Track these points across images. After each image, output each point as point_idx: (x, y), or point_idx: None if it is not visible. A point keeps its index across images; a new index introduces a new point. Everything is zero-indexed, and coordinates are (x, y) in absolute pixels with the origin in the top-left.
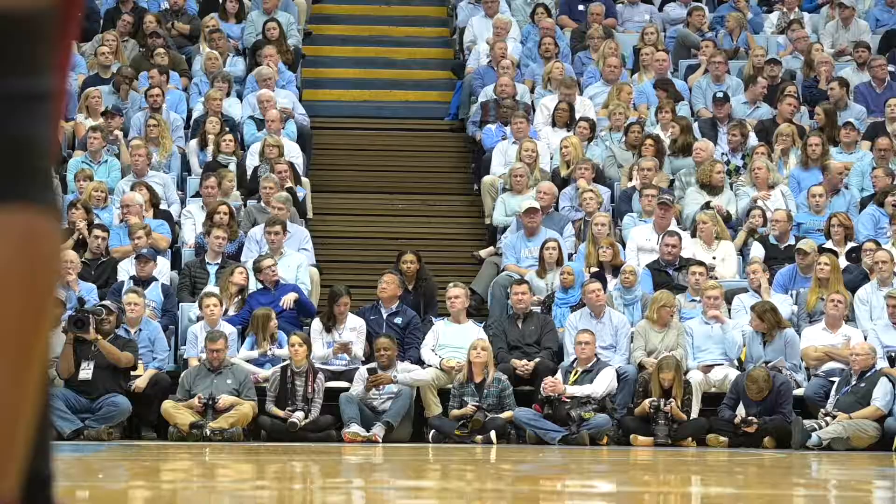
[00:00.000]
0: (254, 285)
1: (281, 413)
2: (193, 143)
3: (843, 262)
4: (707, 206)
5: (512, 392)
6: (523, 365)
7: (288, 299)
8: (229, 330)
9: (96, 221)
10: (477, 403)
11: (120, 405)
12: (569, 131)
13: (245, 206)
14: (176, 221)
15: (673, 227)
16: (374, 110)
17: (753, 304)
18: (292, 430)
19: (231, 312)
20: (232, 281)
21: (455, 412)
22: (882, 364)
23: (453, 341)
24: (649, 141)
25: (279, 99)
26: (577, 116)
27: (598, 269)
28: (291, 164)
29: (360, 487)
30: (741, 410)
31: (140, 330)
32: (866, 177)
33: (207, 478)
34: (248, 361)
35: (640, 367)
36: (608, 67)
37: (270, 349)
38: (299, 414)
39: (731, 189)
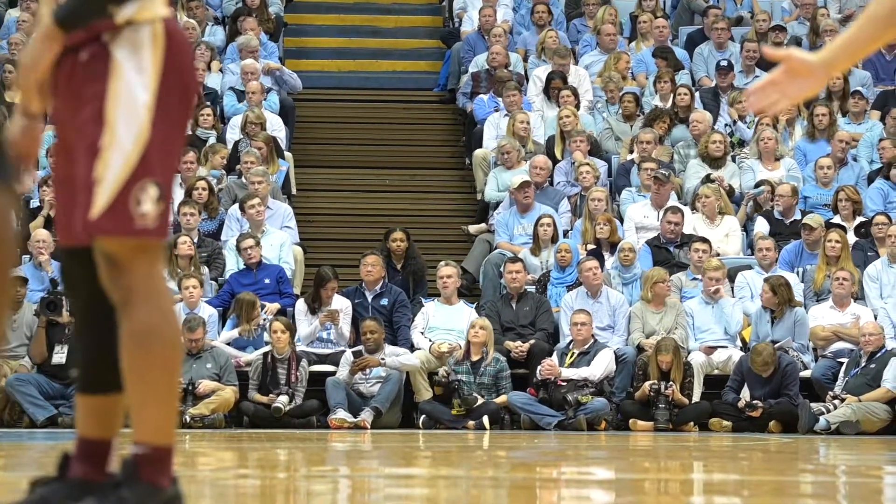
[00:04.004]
0: (234, 265)
1: (264, 399)
2: None
3: (851, 238)
4: (708, 179)
5: (509, 374)
6: (517, 347)
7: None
8: (209, 312)
9: None
10: (449, 372)
11: None
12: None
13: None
14: None
15: (674, 202)
16: (359, 81)
17: (767, 277)
18: (277, 415)
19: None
20: (177, 254)
21: (438, 376)
22: (893, 344)
23: (444, 323)
24: (663, 115)
25: (267, 61)
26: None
27: (594, 247)
28: (274, 139)
29: (348, 475)
30: (746, 394)
31: None
32: (875, 148)
33: (188, 466)
34: (229, 344)
35: (640, 348)
36: (606, 36)
37: (256, 328)
38: (283, 398)
39: (735, 162)
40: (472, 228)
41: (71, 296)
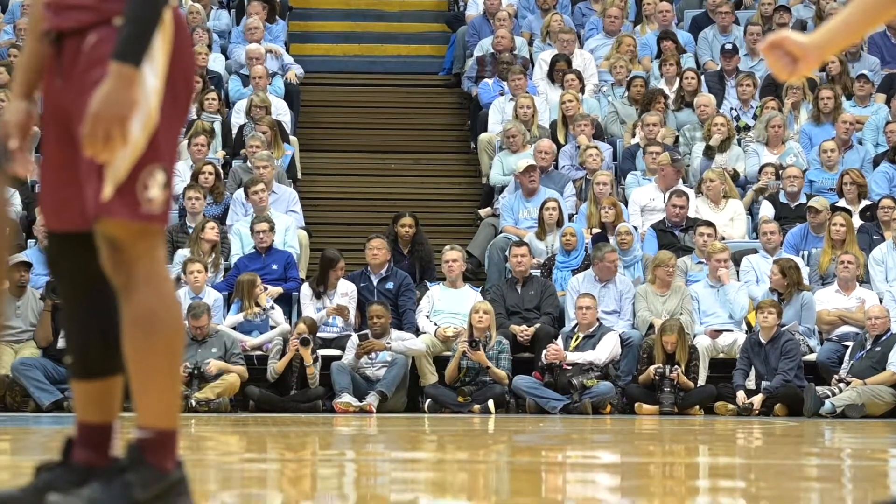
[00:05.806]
0: (240, 249)
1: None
2: None
3: (856, 221)
4: (708, 150)
5: (508, 355)
6: (523, 331)
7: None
8: (214, 296)
9: None
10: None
11: None
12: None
13: (231, 166)
14: None
15: (679, 185)
16: (365, 65)
17: (777, 259)
18: (305, 345)
19: (209, 273)
20: (203, 238)
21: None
22: None
23: (449, 307)
24: (656, 95)
25: (270, 45)
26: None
27: (599, 231)
28: (279, 123)
29: (353, 459)
30: (753, 375)
31: None
32: (881, 132)
33: (193, 451)
34: (234, 328)
35: (648, 328)
36: (609, 18)
37: (262, 311)
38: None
39: (740, 145)
40: (483, 212)
41: (59, 281)
